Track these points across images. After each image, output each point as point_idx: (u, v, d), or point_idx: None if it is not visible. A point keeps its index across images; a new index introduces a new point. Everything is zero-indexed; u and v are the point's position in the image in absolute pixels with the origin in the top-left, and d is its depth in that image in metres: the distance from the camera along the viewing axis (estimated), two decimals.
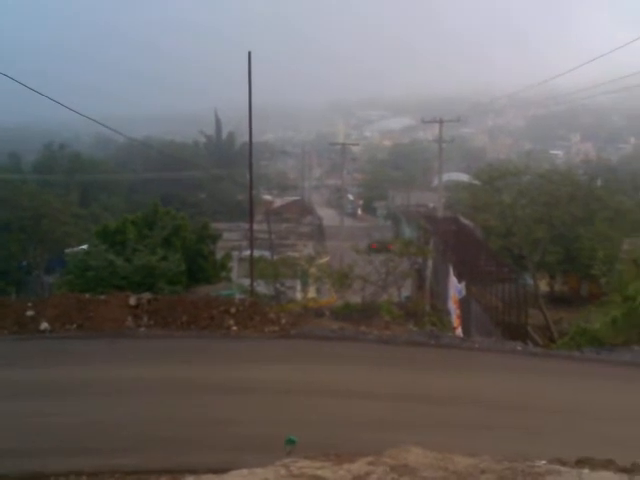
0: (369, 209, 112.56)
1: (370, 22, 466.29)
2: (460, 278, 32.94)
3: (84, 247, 36.32)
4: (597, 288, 43.65)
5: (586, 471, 7.51)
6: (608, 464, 7.89)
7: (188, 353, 19.83)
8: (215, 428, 13.52)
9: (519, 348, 22.21)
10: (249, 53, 28.45)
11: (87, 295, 23.51)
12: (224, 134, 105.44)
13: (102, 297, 23.09)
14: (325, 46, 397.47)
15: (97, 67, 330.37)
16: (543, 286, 51.02)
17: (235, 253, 46.00)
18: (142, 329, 22.00)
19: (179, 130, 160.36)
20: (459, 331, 29.29)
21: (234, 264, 42.80)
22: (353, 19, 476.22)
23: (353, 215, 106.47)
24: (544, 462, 7.84)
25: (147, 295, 23.33)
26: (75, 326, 21.92)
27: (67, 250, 44.58)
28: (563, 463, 7.89)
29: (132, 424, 13.87)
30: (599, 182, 60.14)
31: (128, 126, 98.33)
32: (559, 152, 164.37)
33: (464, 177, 79.87)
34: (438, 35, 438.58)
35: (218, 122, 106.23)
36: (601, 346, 22.87)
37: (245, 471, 7.30)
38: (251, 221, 33.05)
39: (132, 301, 22.64)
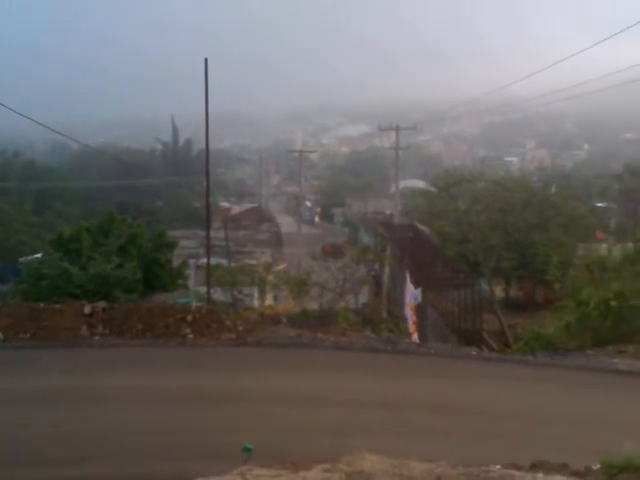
0: (327, 216, 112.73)
1: (327, 28, 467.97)
2: (416, 284, 33.12)
3: (38, 255, 35.89)
4: (551, 293, 44.25)
5: (540, 475, 7.61)
6: (562, 468, 8.01)
7: (142, 362, 19.65)
8: (170, 436, 13.39)
9: (474, 353, 22.41)
10: (205, 60, 28.36)
11: (41, 304, 23.24)
12: (181, 141, 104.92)
13: (56, 306, 22.82)
14: (282, 52, 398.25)
15: (52, 65, 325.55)
16: (498, 292, 51.43)
17: (192, 261, 45.79)
18: (97, 338, 21.75)
19: (135, 136, 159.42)
20: (415, 337, 29.43)
21: (191, 272, 42.62)
22: (311, 25, 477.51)
23: (311, 222, 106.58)
24: (499, 467, 7.93)
25: (102, 304, 23.08)
26: (29, 335, 21.60)
27: (21, 259, 44.05)
28: (518, 467, 7.98)
29: (88, 434, 13.69)
30: (553, 189, 60.81)
31: (83, 132, 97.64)
32: (514, 159, 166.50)
33: (420, 184, 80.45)
34: (394, 42, 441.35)
35: (175, 129, 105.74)
36: (555, 351, 23.16)
37: None
38: (208, 228, 32.89)
39: (87, 310, 22.39)
